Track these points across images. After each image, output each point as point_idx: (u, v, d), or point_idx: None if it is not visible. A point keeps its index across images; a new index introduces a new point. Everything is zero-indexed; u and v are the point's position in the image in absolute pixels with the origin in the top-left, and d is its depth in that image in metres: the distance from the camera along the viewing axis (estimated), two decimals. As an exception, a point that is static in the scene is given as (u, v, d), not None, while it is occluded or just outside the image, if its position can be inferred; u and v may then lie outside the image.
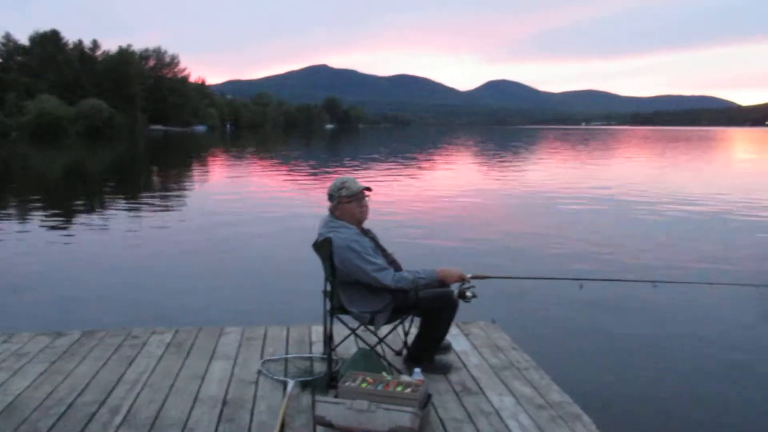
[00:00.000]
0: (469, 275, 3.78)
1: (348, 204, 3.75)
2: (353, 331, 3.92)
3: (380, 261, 3.67)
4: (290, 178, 22.15)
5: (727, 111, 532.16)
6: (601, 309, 6.43)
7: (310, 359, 4.14)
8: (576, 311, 6.32)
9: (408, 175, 23.41)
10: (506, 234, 10.89)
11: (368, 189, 3.82)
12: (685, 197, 16.22)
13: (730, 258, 9.16)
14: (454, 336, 4.55)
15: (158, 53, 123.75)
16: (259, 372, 3.90)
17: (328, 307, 3.83)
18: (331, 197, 3.80)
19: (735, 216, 13.12)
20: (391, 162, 31.07)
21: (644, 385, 4.75)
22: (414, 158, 35.43)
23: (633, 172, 26.79)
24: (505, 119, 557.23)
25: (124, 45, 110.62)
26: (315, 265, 3.91)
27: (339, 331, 4.14)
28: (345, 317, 3.87)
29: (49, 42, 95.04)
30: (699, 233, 11.27)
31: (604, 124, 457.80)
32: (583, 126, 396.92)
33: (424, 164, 30.17)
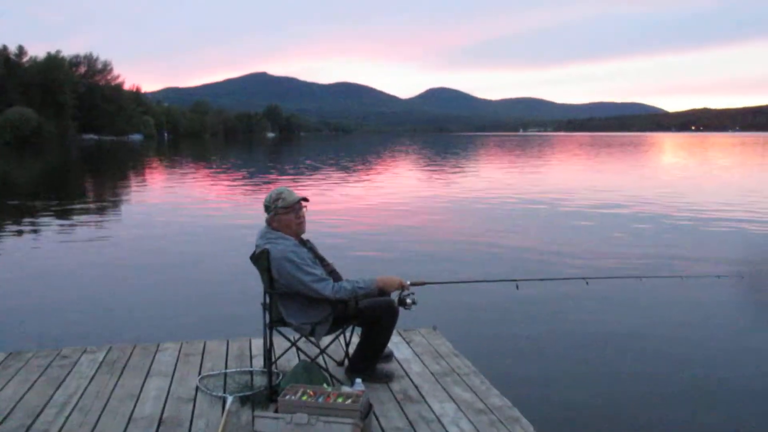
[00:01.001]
0: (408, 282, 3.81)
1: (285, 215, 3.71)
2: (293, 343, 3.87)
3: (319, 272, 3.64)
4: (228, 188, 21.72)
5: (655, 117, 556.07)
6: (538, 309, 6.60)
7: (250, 373, 4.06)
8: (514, 313, 6.46)
9: (348, 183, 23.38)
10: (445, 239, 11.03)
11: (305, 199, 3.79)
12: (618, 199, 16.83)
13: (658, 253, 9.61)
14: (396, 344, 4.56)
15: (90, 60, 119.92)
16: (197, 388, 3.80)
17: (268, 319, 3.77)
18: (267, 209, 3.75)
19: (667, 215, 13.72)
20: (332, 170, 30.98)
21: (581, 385, 4.89)
22: (354, 166, 35.43)
23: (569, 176, 27.62)
24: (446, 126, 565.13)
25: (52, 51, 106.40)
26: (255, 277, 3.85)
27: (280, 343, 4.08)
28: (286, 329, 3.83)
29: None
30: (628, 231, 11.77)
31: (541, 131, 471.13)
32: (520, 132, 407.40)
33: (364, 172, 30.17)
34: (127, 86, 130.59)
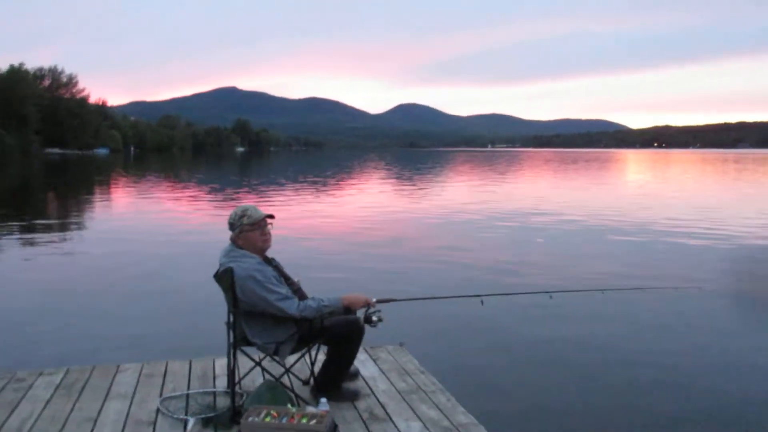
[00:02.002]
0: (374, 300, 3.79)
1: (250, 232, 3.67)
2: (257, 363, 3.81)
3: (284, 290, 3.60)
4: (193, 204, 21.36)
5: (619, 133, 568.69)
6: (503, 324, 6.64)
7: (213, 394, 3.98)
8: (480, 328, 6.47)
9: (315, 198, 23.24)
10: (412, 255, 11.00)
11: (271, 216, 3.76)
12: (580, 213, 17.11)
13: (619, 266, 9.82)
14: (362, 361, 4.53)
15: (54, 72, 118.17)
16: (158, 411, 3.71)
17: (232, 339, 3.71)
18: (232, 226, 3.71)
19: (629, 229, 13.97)
20: (300, 185, 30.87)
21: (547, 400, 4.91)
22: (323, 181, 35.37)
23: (533, 191, 27.98)
24: (416, 142, 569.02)
25: (15, 63, 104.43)
26: (219, 296, 3.79)
27: (245, 363, 4.02)
28: (250, 348, 3.77)
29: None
30: (590, 245, 12.01)
31: (509, 146, 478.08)
32: (489, 148, 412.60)
33: (332, 188, 30.09)
34: (92, 100, 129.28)
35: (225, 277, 3.59)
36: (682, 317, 7.05)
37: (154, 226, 15.26)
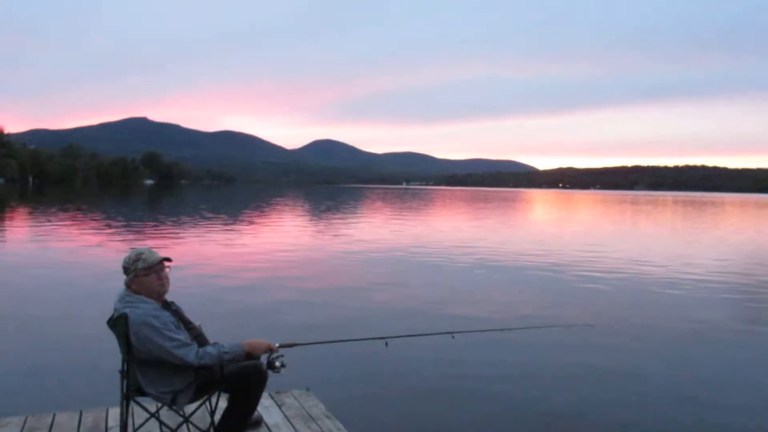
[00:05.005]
0: (276, 345, 3.72)
1: (146, 277, 3.53)
2: (152, 414, 3.63)
3: (182, 336, 3.47)
4: (89, 241, 19.78)
5: (528, 174, 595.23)
6: (408, 365, 6.63)
7: (103, 448, 3.74)
8: (385, 370, 6.45)
9: (220, 236, 22.30)
10: (315, 296, 10.68)
11: (167, 259, 3.64)
12: (488, 253, 17.62)
13: (518, 305, 10.16)
14: (266, 408, 4.42)
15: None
16: (40, 469, 3.44)
17: (125, 389, 3.52)
18: (126, 270, 3.55)
19: (528, 268, 14.52)
20: (207, 221, 29.97)
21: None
22: (231, 218, 34.55)
23: (440, 230, 28.59)
24: (332, 178, 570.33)
25: None
26: (113, 342, 3.60)
27: (140, 413, 3.81)
28: (147, 398, 3.59)
29: None
30: (491, 285, 12.38)
31: (423, 185, 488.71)
32: (404, 186, 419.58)
33: (240, 224, 29.20)
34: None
35: (119, 324, 3.43)
36: (575, 354, 7.36)
37: (41, 263, 14.03)
